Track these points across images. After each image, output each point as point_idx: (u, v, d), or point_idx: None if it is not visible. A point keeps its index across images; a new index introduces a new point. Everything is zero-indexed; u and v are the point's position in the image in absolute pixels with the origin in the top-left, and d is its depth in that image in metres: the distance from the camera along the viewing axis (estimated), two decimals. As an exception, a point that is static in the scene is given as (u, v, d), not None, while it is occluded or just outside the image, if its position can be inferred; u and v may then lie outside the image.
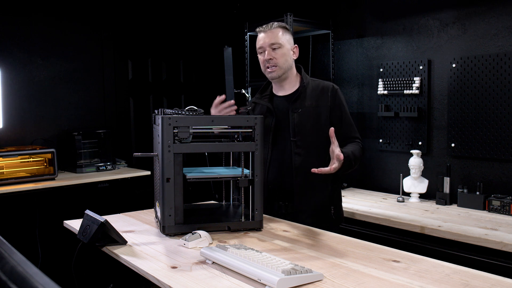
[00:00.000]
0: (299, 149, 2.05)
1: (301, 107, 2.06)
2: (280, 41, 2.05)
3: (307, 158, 2.03)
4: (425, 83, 3.18)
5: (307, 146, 2.04)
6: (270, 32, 2.07)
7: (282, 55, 2.05)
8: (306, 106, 2.07)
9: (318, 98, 2.08)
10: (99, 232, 1.53)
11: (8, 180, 3.00)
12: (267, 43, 2.06)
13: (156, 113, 1.85)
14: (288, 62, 2.08)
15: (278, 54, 2.05)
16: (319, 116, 2.06)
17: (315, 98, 2.08)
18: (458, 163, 3.03)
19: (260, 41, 2.09)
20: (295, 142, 2.05)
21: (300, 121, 2.05)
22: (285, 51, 2.06)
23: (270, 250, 1.53)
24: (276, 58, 2.05)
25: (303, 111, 2.05)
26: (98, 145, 3.59)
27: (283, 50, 2.05)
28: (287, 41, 2.07)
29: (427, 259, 1.44)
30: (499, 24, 2.83)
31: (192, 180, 1.76)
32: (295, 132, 2.05)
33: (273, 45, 2.05)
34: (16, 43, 3.42)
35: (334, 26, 3.67)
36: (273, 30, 2.07)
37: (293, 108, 2.07)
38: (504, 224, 2.49)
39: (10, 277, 0.58)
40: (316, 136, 2.05)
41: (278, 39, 2.05)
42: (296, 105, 2.07)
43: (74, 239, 1.67)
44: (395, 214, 2.74)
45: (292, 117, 2.06)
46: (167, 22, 4.22)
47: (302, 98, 2.08)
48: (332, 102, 2.08)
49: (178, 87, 4.38)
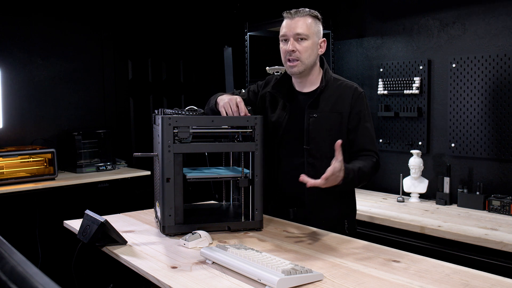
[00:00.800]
0: (312, 159, 1.85)
1: (318, 112, 1.84)
2: (307, 31, 1.79)
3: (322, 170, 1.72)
4: (425, 83, 3.18)
5: (322, 157, 1.83)
6: (298, 19, 1.80)
7: (307, 48, 1.80)
8: (324, 110, 1.85)
9: (337, 102, 1.86)
10: (99, 232, 1.53)
11: (8, 180, 3.00)
12: (292, 31, 1.79)
13: (156, 113, 1.85)
14: (312, 58, 1.83)
15: (303, 47, 1.79)
16: (336, 123, 1.85)
17: (334, 101, 1.86)
18: (458, 163, 3.03)
19: (284, 28, 1.82)
20: (308, 150, 1.86)
21: (315, 128, 1.85)
22: (311, 44, 1.81)
23: (270, 250, 1.53)
24: (299, 51, 1.80)
25: (319, 117, 1.84)
26: (98, 145, 3.59)
27: (309, 43, 1.80)
28: (315, 33, 1.82)
29: (427, 259, 1.44)
30: (499, 24, 2.83)
31: (192, 180, 1.76)
32: (309, 139, 1.85)
33: (298, 35, 1.79)
34: (16, 43, 3.42)
35: (334, 26, 3.66)
36: (302, 17, 1.80)
37: (309, 112, 1.86)
38: (504, 224, 2.49)
39: (10, 277, 0.58)
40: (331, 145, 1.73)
41: (306, 29, 1.79)
42: (312, 109, 1.86)
43: (74, 239, 1.67)
44: (395, 214, 2.74)
45: (307, 122, 1.86)
46: (167, 22, 4.22)
47: (321, 100, 1.86)
48: (351, 108, 1.85)
49: (178, 87, 4.38)
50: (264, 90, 2.03)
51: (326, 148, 1.83)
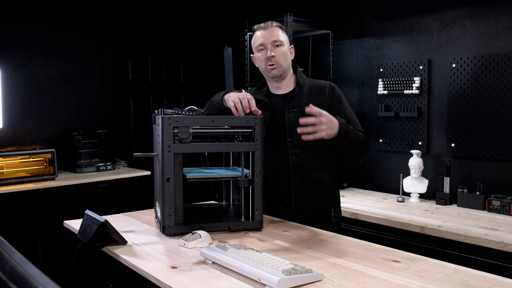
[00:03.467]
0: (295, 149, 2.00)
1: (297, 107, 2.01)
2: (281, 38, 2.02)
3: (304, 159, 1.99)
4: (425, 83, 3.18)
5: (304, 146, 1.98)
6: (270, 30, 2.03)
7: (283, 53, 2.02)
8: (302, 105, 1.98)
9: (315, 97, 2.04)
10: (99, 232, 1.53)
11: (8, 180, 3.00)
12: (269, 40, 2.01)
13: (156, 113, 1.85)
14: (287, 61, 2.05)
15: (279, 52, 2.01)
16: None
17: (311, 97, 2.04)
18: (458, 163, 3.03)
19: (260, 39, 2.03)
20: (291, 142, 2.00)
21: (296, 121, 1.94)
22: (285, 49, 2.04)
23: (270, 250, 1.53)
24: (277, 56, 2.01)
25: (299, 111, 1.99)
26: (98, 145, 3.59)
27: (283, 49, 2.02)
28: (286, 41, 2.05)
29: (427, 259, 1.44)
30: (499, 24, 2.83)
31: (192, 180, 1.76)
32: (291, 132, 2.00)
33: (275, 42, 2.01)
34: (16, 43, 3.42)
35: (334, 26, 3.67)
36: (273, 28, 2.03)
37: (288, 107, 2.03)
38: (504, 224, 2.49)
39: (10, 277, 0.58)
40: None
41: (279, 36, 2.02)
42: (291, 104, 2.03)
43: (74, 239, 1.67)
44: (395, 214, 2.74)
45: (288, 116, 2.01)
46: (167, 22, 4.22)
47: (298, 97, 2.04)
48: (329, 99, 2.03)
49: (178, 87, 4.38)
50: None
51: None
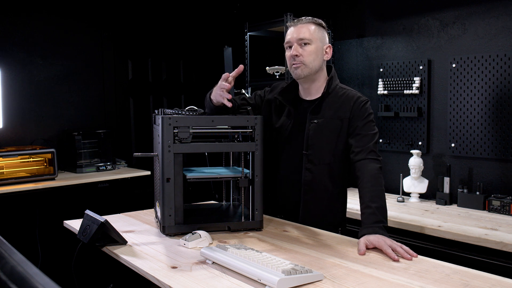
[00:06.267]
0: (310, 164, 1.88)
1: (319, 118, 1.86)
2: (310, 36, 1.83)
3: (318, 176, 1.87)
4: (425, 83, 3.18)
5: (320, 163, 1.87)
6: (300, 26, 1.85)
7: (311, 52, 1.83)
8: (325, 117, 1.86)
9: (340, 108, 1.87)
10: (99, 232, 1.53)
11: (8, 180, 2.99)
12: (295, 37, 1.84)
13: (156, 113, 1.85)
14: (316, 62, 1.86)
15: (306, 51, 1.83)
16: (337, 129, 1.86)
17: (336, 108, 1.87)
18: (458, 163, 3.03)
19: (288, 36, 1.88)
20: (307, 156, 1.88)
21: (315, 134, 1.87)
22: (315, 48, 1.84)
23: (270, 250, 1.53)
24: (303, 55, 1.83)
25: (320, 123, 1.86)
26: (98, 145, 3.59)
27: (312, 47, 1.84)
28: (319, 38, 1.86)
29: (427, 259, 1.44)
30: (499, 24, 2.83)
31: (192, 180, 1.76)
32: (308, 145, 1.88)
33: (301, 40, 1.83)
34: (16, 43, 3.42)
35: (334, 26, 3.67)
36: (304, 24, 1.86)
37: (311, 118, 1.88)
38: (504, 224, 2.49)
39: (10, 277, 0.58)
40: (330, 152, 1.87)
41: (308, 34, 1.83)
42: (315, 114, 1.88)
43: (74, 239, 1.67)
44: (395, 214, 2.74)
45: (308, 128, 1.88)
46: (167, 22, 4.22)
47: (324, 107, 1.87)
48: (352, 113, 1.85)
49: (178, 87, 4.38)
50: (271, 95, 2.05)
51: (324, 154, 1.87)
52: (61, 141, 3.57)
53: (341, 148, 1.88)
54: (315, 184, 1.89)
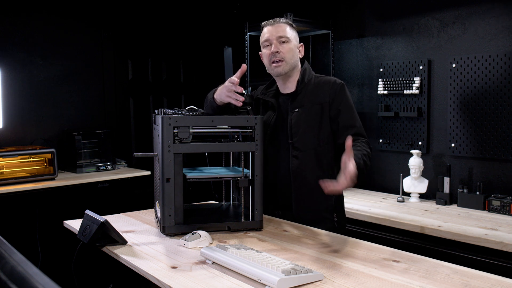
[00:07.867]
0: (296, 151, 1.93)
1: (300, 106, 1.95)
2: (288, 35, 1.94)
3: (305, 161, 1.93)
4: (425, 83, 3.18)
5: (305, 148, 1.93)
6: (277, 26, 1.96)
7: (289, 50, 1.94)
8: (305, 105, 1.95)
9: (318, 94, 1.96)
10: (99, 232, 1.53)
11: (8, 180, 3.00)
12: (274, 36, 1.94)
13: (156, 113, 1.85)
14: (294, 59, 1.97)
15: (285, 49, 1.93)
16: (318, 114, 1.94)
17: (314, 95, 1.96)
18: (458, 163, 3.03)
19: (266, 34, 1.96)
20: (292, 144, 1.94)
21: (298, 122, 1.94)
22: (292, 46, 1.95)
23: (270, 250, 1.53)
24: (283, 52, 1.93)
25: (301, 111, 1.94)
26: (98, 145, 3.59)
27: (290, 45, 1.94)
28: (294, 38, 1.98)
29: (427, 259, 1.44)
30: (499, 24, 2.83)
31: (192, 180, 1.76)
32: (292, 133, 1.94)
33: (281, 38, 1.93)
34: (16, 43, 3.42)
35: (334, 26, 3.66)
36: (280, 24, 1.96)
37: (291, 107, 1.97)
38: (504, 224, 2.49)
39: (10, 277, 0.58)
40: (314, 137, 1.93)
41: (286, 33, 1.94)
42: (294, 104, 1.97)
43: (74, 239, 1.67)
44: (395, 214, 2.74)
45: (290, 117, 1.96)
46: (167, 22, 4.22)
47: (302, 96, 1.97)
48: (331, 97, 1.94)
49: (178, 87, 4.38)
50: (257, 93, 2.16)
51: (309, 140, 1.95)
52: (61, 141, 3.57)
53: (325, 133, 1.93)
54: (302, 170, 1.93)
